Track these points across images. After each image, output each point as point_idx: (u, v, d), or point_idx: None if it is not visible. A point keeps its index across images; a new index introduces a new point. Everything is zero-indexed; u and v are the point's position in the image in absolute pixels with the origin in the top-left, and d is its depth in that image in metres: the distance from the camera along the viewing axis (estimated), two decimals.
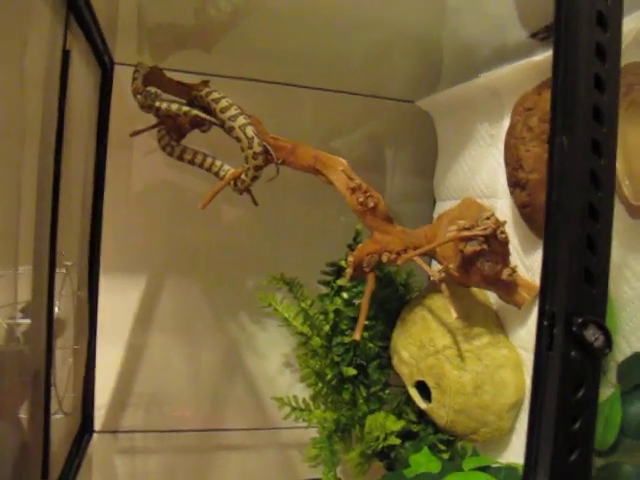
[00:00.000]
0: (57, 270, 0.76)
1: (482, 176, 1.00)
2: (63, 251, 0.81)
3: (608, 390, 0.69)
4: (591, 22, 0.47)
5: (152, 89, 0.85)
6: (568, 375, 0.45)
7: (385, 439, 0.90)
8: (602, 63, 0.47)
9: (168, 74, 0.92)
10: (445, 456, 0.91)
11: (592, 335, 0.45)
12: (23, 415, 0.64)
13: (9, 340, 0.68)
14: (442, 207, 1.14)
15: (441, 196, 1.16)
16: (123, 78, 1.08)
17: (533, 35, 0.85)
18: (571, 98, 0.47)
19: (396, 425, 0.90)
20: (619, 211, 0.68)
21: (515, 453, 0.87)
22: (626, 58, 0.51)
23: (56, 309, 0.75)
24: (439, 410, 0.88)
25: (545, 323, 0.46)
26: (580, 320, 0.44)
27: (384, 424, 0.90)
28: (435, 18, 0.98)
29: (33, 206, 0.68)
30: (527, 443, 0.47)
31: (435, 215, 1.18)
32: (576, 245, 0.45)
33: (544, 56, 0.81)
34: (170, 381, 1.19)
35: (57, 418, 0.77)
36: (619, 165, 0.65)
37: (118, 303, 1.13)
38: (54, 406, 0.75)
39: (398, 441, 0.89)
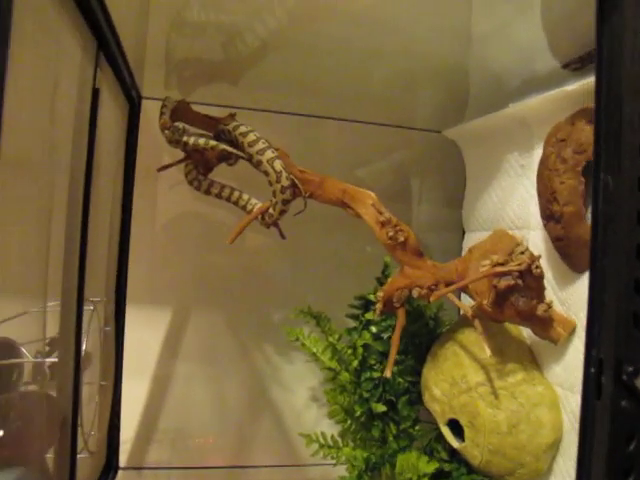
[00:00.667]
0: (85, 307, 0.75)
1: (513, 207, 0.98)
2: (91, 286, 0.81)
3: None
4: (635, 54, 0.45)
5: (180, 124, 0.85)
6: (619, 426, 0.43)
7: None
8: None
9: (195, 107, 0.93)
10: None
11: None
12: (49, 455, 0.63)
13: (37, 378, 0.68)
14: (471, 238, 1.12)
15: (470, 227, 1.14)
16: (150, 112, 1.09)
17: (565, 65, 0.84)
18: (616, 135, 0.45)
19: (429, 467, 0.87)
20: None
21: None
22: None
23: (83, 346, 0.75)
24: (473, 450, 0.85)
25: (592, 370, 0.44)
26: (631, 369, 0.42)
27: (416, 465, 0.88)
28: (462, 47, 0.97)
29: (62, 242, 0.67)
30: None
31: (464, 246, 1.16)
32: (624, 288, 0.44)
33: (577, 85, 0.79)
34: (195, 416, 1.17)
35: (82, 457, 0.76)
36: None
37: (144, 337, 1.13)
38: (80, 445, 0.74)
39: None
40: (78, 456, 0.74)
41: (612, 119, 0.45)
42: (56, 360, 0.65)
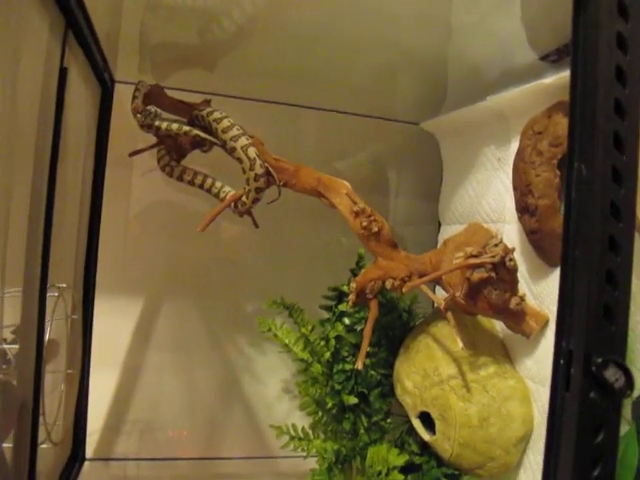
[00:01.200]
0: (49, 293, 0.73)
1: (489, 200, 0.98)
2: (57, 272, 0.79)
3: (622, 428, 0.66)
4: (611, 44, 0.44)
5: (152, 108, 0.83)
6: (587, 417, 0.43)
7: (387, 474, 0.86)
8: (623, 87, 0.45)
9: (169, 93, 0.91)
10: None
11: (612, 375, 0.42)
12: (7, 445, 0.61)
13: None
14: (447, 231, 1.12)
15: (446, 220, 1.14)
16: (124, 96, 1.06)
17: (544, 57, 0.83)
18: (590, 124, 0.44)
19: (399, 459, 0.86)
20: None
21: None
22: None
23: (47, 333, 0.72)
24: (443, 443, 0.85)
25: (561, 362, 0.44)
26: (600, 360, 0.42)
27: (387, 458, 0.87)
28: (441, 39, 0.96)
29: (25, 226, 0.65)
30: None
31: (440, 239, 1.16)
32: (595, 279, 0.43)
33: (554, 78, 0.79)
34: (165, 407, 1.15)
35: (45, 447, 0.74)
36: None
37: (113, 326, 1.10)
38: (42, 435, 0.72)
39: (401, 477, 0.86)
40: (40, 446, 0.72)
41: (587, 107, 0.45)
42: (16, 347, 0.63)
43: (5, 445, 0.62)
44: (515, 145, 0.87)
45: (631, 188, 0.44)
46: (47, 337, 0.73)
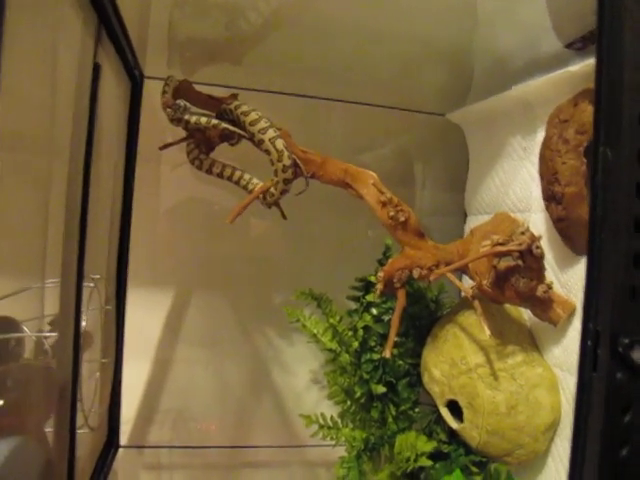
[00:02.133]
0: (85, 283, 0.75)
1: (515, 190, 0.98)
2: (91, 264, 0.81)
3: None
4: (636, 28, 0.45)
5: (181, 102, 0.84)
6: (614, 398, 0.43)
7: (416, 460, 0.87)
8: None
9: (198, 87, 0.92)
10: (478, 479, 0.88)
11: (639, 356, 0.42)
12: (49, 429, 0.63)
13: (36, 353, 0.68)
14: (474, 221, 1.12)
15: (472, 210, 1.14)
16: (153, 92, 1.08)
17: (569, 45, 0.83)
18: (615, 107, 0.45)
19: (427, 446, 0.87)
20: None
21: (551, 477, 0.84)
22: None
23: (83, 322, 0.75)
24: (471, 431, 0.85)
25: (588, 343, 0.44)
26: (627, 340, 0.42)
27: (415, 444, 0.88)
28: (466, 30, 0.96)
29: (62, 219, 0.67)
30: (570, 471, 0.45)
31: (466, 229, 1.16)
32: (622, 261, 0.43)
33: (579, 66, 0.78)
34: (196, 396, 1.18)
35: (83, 433, 0.76)
36: None
37: (145, 317, 1.13)
38: (80, 420, 0.74)
39: (429, 463, 0.87)
40: (79, 431, 0.74)
41: (612, 92, 0.45)
42: (55, 335, 0.65)
43: (47, 430, 0.64)
44: (541, 134, 0.87)
45: None
46: (83, 326, 0.75)
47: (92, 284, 0.78)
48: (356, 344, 0.98)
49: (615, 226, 0.44)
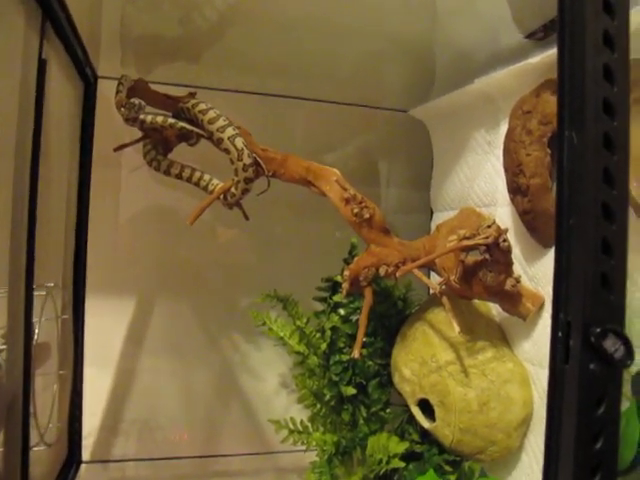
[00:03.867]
0: (36, 292, 0.72)
1: (480, 184, 0.97)
2: (44, 272, 0.78)
3: (623, 404, 0.65)
4: (597, 8, 0.43)
5: (135, 100, 0.81)
6: (587, 389, 0.42)
7: (388, 462, 0.85)
8: (611, 52, 0.44)
9: (154, 87, 0.89)
10: (452, 478, 0.87)
11: (612, 346, 0.41)
12: None
13: None
14: (440, 218, 1.11)
15: (438, 207, 1.13)
16: (107, 92, 1.05)
17: (530, 35, 0.83)
18: (579, 90, 0.43)
19: (399, 447, 0.85)
20: None
21: (525, 473, 0.83)
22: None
23: (36, 333, 0.71)
24: (444, 429, 0.84)
25: (560, 334, 0.43)
26: (599, 330, 0.41)
27: (387, 446, 0.86)
28: (426, 24, 0.95)
29: (8, 225, 0.64)
30: (545, 465, 0.43)
31: (433, 226, 1.15)
32: (591, 249, 0.42)
33: (540, 57, 0.78)
34: (162, 406, 1.14)
35: (39, 450, 0.72)
36: None
37: (106, 326, 1.09)
38: (35, 437, 0.71)
39: (402, 464, 0.85)
40: (34, 449, 0.71)
41: (575, 74, 0.44)
42: (4, 347, 0.62)
43: None
44: (505, 127, 0.86)
45: (623, 154, 0.43)
46: (36, 337, 0.71)
47: (44, 292, 0.74)
48: (324, 346, 0.96)
49: (583, 212, 0.43)
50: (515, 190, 0.80)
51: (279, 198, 1.10)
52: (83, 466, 1.07)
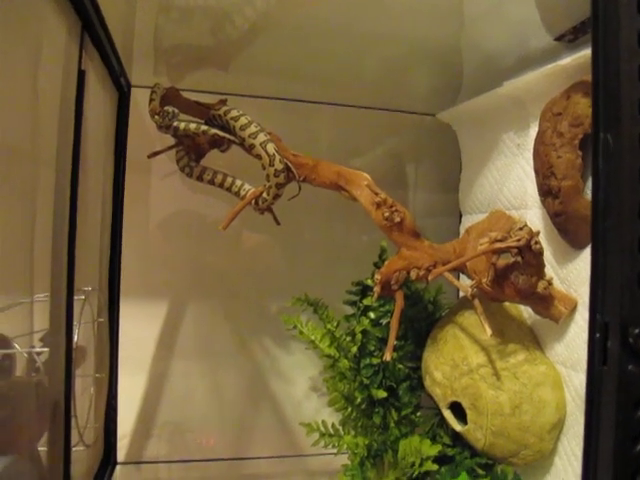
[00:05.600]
0: (76, 297, 0.73)
1: (509, 187, 0.97)
2: (82, 277, 0.79)
3: None
4: (632, 9, 0.44)
5: (169, 108, 0.83)
6: (626, 391, 0.42)
7: (421, 465, 0.85)
8: None
9: (186, 95, 0.91)
10: None
11: None
12: (42, 448, 0.61)
13: (28, 370, 0.66)
14: (469, 221, 1.11)
15: (467, 210, 1.13)
16: (140, 101, 1.07)
17: (559, 38, 0.82)
18: (614, 92, 0.44)
19: (432, 450, 0.86)
20: None
21: (559, 476, 0.82)
22: None
23: (75, 336, 0.73)
24: (476, 432, 0.84)
25: (597, 335, 0.43)
26: (637, 330, 0.41)
27: (419, 449, 0.86)
28: (454, 29, 0.95)
29: (50, 231, 0.66)
30: (583, 469, 0.43)
31: (462, 229, 1.15)
32: (627, 249, 0.42)
33: (570, 59, 0.78)
34: (194, 409, 1.15)
35: (78, 450, 0.74)
36: None
37: (140, 329, 1.11)
38: (75, 438, 0.72)
39: (435, 467, 0.85)
40: (74, 449, 0.72)
41: (610, 76, 0.44)
42: (47, 350, 0.63)
43: (40, 448, 0.62)
44: (534, 130, 0.86)
45: None
46: (76, 340, 0.73)
47: (83, 297, 0.76)
48: (355, 349, 0.97)
49: (618, 213, 0.43)
50: (546, 192, 0.80)
51: (308, 202, 1.11)
52: (118, 467, 1.09)
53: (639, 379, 0.41)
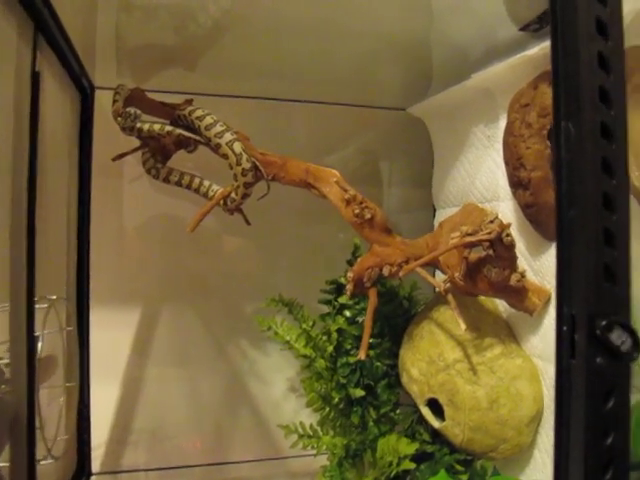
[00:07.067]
0: (39, 305, 0.71)
1: (481, 179, 0.96)
2: (46, 285, 0.77)
3: (634, 396, 0.64)
4: None
5: (131, 109, 0.81)
6: (595, 384, 0.41)
7: (399, 464, 0.84)
8: (605, 40, 0.43)
9: (151, 95, 0.89)
10: (464, 477, 0.86)
11: (618, 338, 0.41)
12: (4, 464, 0.59)
13: None
14: (442, 215, 1.10)
15: (440, 204, 1.12)
16: (105, 103, 1.04)
17: (524, 27, 0.82)
18: (574, 79, 0.43)
19: (410, 448, 0.85)
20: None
21: (538, 469, 0.82)
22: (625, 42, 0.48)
23: (40, 346, 0.71)
24: (454, 428, 0.83)
25: (564, 328, 0.42)
26: (604, 322, 0.40)
27: (397, 447, 0.85)
28: (423, 22, 0.94)
29: (6, 239, 0.63)
30: (555, 463, 0.42)
31: (436, 224, 1.14)
32: (593, 240, 0.41)
33: (537, 49, 0.77)
34: (171, 415, 1.13)
35: (46, 463, 0.72)
36: None
37: (112, 337, 1.08)
38: (42, 451, 0.70)
39: (412, 465, 0.84)
40: (41, 462, 0.70)
41: (570, 64, 0.43)
42: (6, 361, 0.61)
43: (2, 464, 0.60)
44: (504, 121, 0.86)
45: (621, 143, 0.42)
46: (40, 350, 0.71)
47: (46, 305, 0.74)
48: (331, 348, 0.95)
49: (583, 203, 0.42)
50: (516, 184, 0.80)
51: (280, 202, 1.10)
52: (93, 478, 1.06)
53: (607, 372, 0.41)
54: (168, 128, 0.84)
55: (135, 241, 1.13)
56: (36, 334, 0.70)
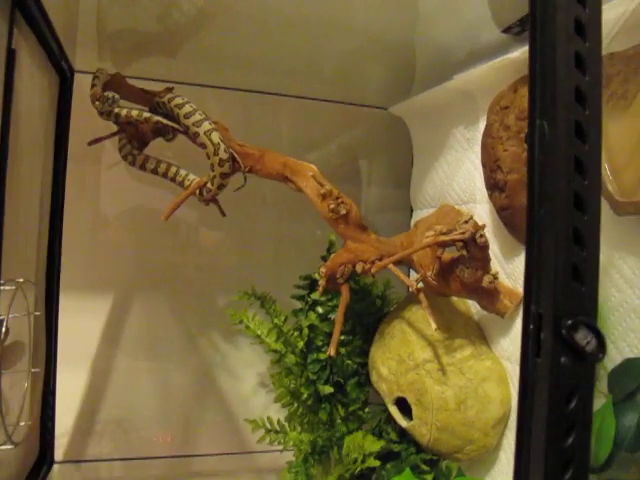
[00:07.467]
0: (6, 287, 0.70)
1: (459, 181, 0.97)
2: (14, 267, 0.76)
3: (599, 401, 0.65)
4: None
5: (109, 94, 0.80)
6: (558, 384, 0.41)
7: (364, 461, 0.84)
8: (583, 41, 0.43)
9: (132, 82, 0.88)
10: (429, 477, 0.86)
11: (583, 338, 0.40)
12: None
13: None
14: (420, 216, 1.10)
15: (418, 205, 1.13)
16: (85, 87, 1.03)
17: (506, 30, 0.82)
18: (550, 78, 0.43)
19: (375, 445, 0.85)
20: (603, 208, 0.64)
21: (503, 471, 0.82)
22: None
23: (3, 329, 0.69)
24: (421, 428, 0.83)
25: (531, 327, 0.42)
26: (570, 322, 0.40)
27: (362, 445, 0.85)
28: (408, 23, 0.94)
29: None
30: (515, 461, 0.42)
31: (413, 224, 1.14)
32: (562, 239, 0.41)
33: (519, 53, 0.78)
34: (138, 406, 1.12)
35: (5, 449, 0.70)
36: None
37: (81, 324, 1.07)
38: (1, 436, 0.69)
39: (377, 463, 0.84)
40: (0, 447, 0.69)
41: (546, 63, 0.43)
42: None
43: None
44: (483, 124, 0.86)
45: (595, 144, 0.42)
46: (3, 333, 0.70)
47: (14, 287, 0.73)
48: (302, 344, 0.95)
49: (554, 202, 0.42)
50: (493, 186, 0.80)
51: (258, 196, 1.09)
52: (55, 466, 1.05)
53: (572, 372, 0.41)
54: (146, 114, 0.83)
55: (110, 228, 1.12)
56: (0, 317, 0.69)
